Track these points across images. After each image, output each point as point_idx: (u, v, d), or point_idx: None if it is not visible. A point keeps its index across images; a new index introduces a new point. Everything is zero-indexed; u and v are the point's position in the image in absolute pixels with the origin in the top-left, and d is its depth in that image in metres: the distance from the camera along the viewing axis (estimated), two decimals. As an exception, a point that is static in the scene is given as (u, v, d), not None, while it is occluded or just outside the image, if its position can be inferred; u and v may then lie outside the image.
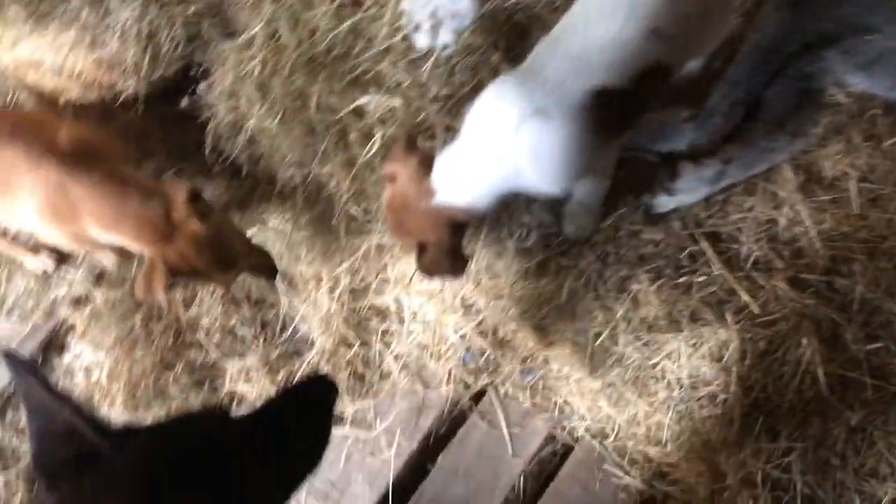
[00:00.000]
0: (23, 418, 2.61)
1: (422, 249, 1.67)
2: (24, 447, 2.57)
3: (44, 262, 2.59)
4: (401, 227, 1.69)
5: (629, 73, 1.47)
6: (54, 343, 2.66)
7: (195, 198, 1.85)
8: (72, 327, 2.61)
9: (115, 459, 1.01)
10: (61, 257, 2.63)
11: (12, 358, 1.03)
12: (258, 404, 1.34)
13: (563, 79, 1.47)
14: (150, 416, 2.51)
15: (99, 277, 2.65)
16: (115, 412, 2.49)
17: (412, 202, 1.63)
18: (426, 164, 1.63)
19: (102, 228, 1.83)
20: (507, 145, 1.52)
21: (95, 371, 2.57)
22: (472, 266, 2.14)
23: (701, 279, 1.84)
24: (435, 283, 2.27)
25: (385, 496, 2.43)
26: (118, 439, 1.03)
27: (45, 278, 2.64)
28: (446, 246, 1.64)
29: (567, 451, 2.45)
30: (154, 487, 0.99)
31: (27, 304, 2.62)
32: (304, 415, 1.32)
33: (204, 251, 1.82)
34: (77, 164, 1.80)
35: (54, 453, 1.01)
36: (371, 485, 2.45)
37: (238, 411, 1.27)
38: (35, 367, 1.04)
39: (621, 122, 1.61)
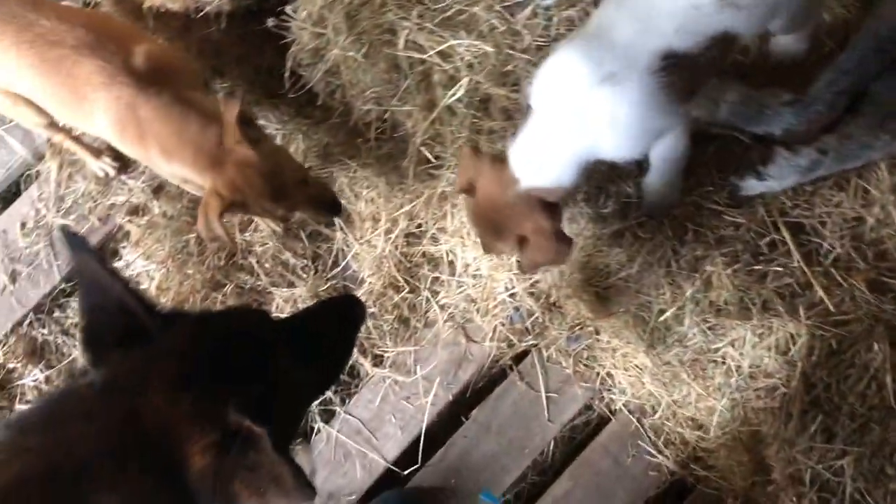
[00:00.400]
0: (69, 319, 2.65)
1: (522, 243, 1.62)
2: (69, 347, 2.61)
3: (106, 166, 2.59)
4: (495, 231, 1.65)
5: (697, 39, 1.44)
6: (107, 248, 2.68)
7: (246, 121, 1.82)
8: (126, 235, 2.62)
9: (164, 339, 1.06)
10: (123, 164, 2.63)
11: (70, 235, 1.05)
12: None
13: (632, 41, 1.45)
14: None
15: (158, 189, 2.65)
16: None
17: (498, 201, 1.59)
18: (498, 161, 1.61)
19: (164, 156, 1.82)
20: (580, 114, 1.50)
21: (145, 281, 2.59)
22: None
23: (778, 269, 1.79)
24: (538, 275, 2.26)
25: (416, 441, 2.45)
26: (167, 321, 1.08)
27: (105, 182, 2.65)
28: (545, 230, 1.59)
29: (601, 422, 2.46)
30: (200, 367, 1.04)
31: (85, 206, 2.64)
32: (336, 325, 1.40)
33: (255, 179, 1.79)
34: (148, 86, 1.80)
35: (104, 328, 1.05)
36: (403, 429, 2.47)
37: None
38: (89, 245, 1.06)
39: (689, 87, 1.57)
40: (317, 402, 2.51)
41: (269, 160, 1.84)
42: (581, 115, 1.49)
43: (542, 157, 1.56)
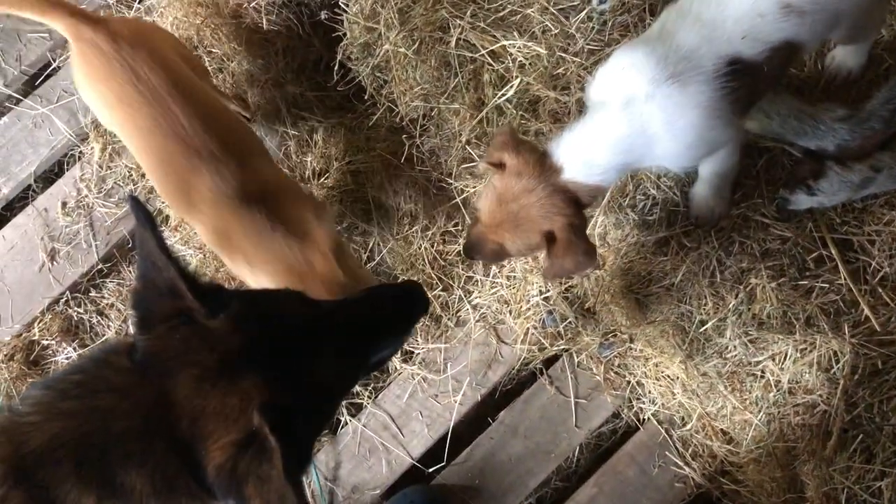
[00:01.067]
0: (105, 299, 2.67)
1: (550, 241, 1.54)
2: (103, 327, 2.64)
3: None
4: (515, 220, 1.54)
5: (762, 47, 1.44)
6: (149, 231, 2.70)
7: (339, 248, 1.86)
8: (166, 219, 2.64)
9: (206, 326, 1.04)
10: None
11: (137, 205, 1.05)
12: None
13: (697, 45, 1.44)
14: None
15: (199, 175, 2.66)
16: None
17: (532, 186, 1.51)
18: (537, 150, 1.56)
19: (250, 268, 1.83)
20: (639, 114, 1.47)
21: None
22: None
23: (823, 285, 1.78)
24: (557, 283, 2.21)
25: (443, 439, 2.45)
26: (215, 305, 1.06)
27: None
28: (578, 228, 1.53)
29: (629, 431, 2.45)
30: (236, 359, 1.02)
31: (126, 188, 2.66)
32: (391, 317, 1.34)
33: (338, 294, 1.76)
34: (251, 204, 1.80)
35: (154, 303, 1.05)
36: (430, 426, 2.47)
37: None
38: (154, 221, 1.05)
39: (750, 96, 1.56)
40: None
41: (352, 278, 1.84)
42: (640, 116, 1.47)
43: (590, 153, 1.52)
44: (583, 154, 1.53)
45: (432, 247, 2.54)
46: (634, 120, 1.48)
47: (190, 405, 0.98)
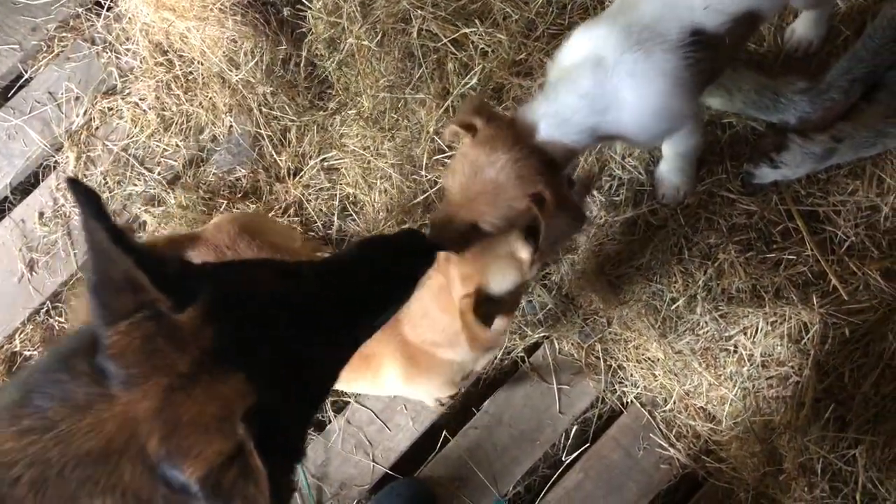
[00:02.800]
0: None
1: (539, 202, 1.42)
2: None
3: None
4: (495, 186, 1.41)
5: (723, 18, 1.44)
6: (124, 237, 2.70)
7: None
8: (143, 225, 2.64)
9: (180, 317, 0.92)
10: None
11: (77, 187, 0.90)
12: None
13: (660, 14, 1.44)
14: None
15: (174, 180, 2.67)
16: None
17: (508, 149, 1.41)
18: (506, 116, 1.51)
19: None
20: (608, 77, 1.47)
21: (161, 270, 2.60)
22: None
23: (791, 257, 1.79)
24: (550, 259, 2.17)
25: (428, 432, 2.45)
26: (182, 295, 0.94)
27: (123, 171, 2.68)
28: (562, 185, 1.47)
29: (613, 415, 2.45)
30: (216, 351, 0.91)
31: (102, 196, 2.65)
32: (389, 277, 1.18)
33: None
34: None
35: (113, 299, 0.91)
36: (415, 420, 2.47)
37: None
38: (101, 205, 0.90)
39: (712, 70, 1.56)
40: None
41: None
42: (609, 79, 1.46)
43: (564, 111, 1.47)
44: (556, 113, 1.47)
45: (410, 240, 2.54)
46: (604, 82, 1.46)
47: (160, 420, 0.87)
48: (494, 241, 1.44)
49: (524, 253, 1.46)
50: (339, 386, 1.99)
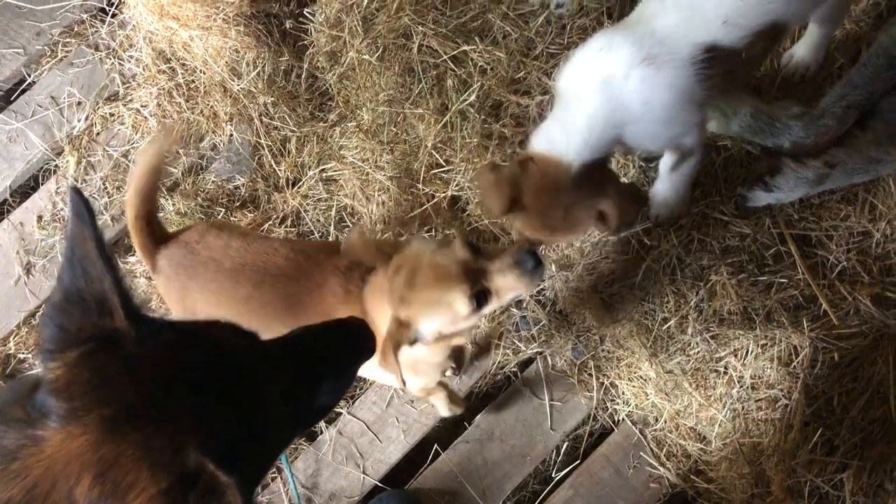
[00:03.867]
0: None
1: (602, 218, 1.57)
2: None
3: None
4: (570, 224, 1.60)
5: (744, 32, 1.44)
6: (121, 244, 2.72)
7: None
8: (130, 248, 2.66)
9: (138, 351, 0.88)
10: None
11: (79, 197, 0.88)
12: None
13: (674, 30, 1.45)
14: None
15: (173, 187, 2.69)
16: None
17: (557, 195, 1.54)
18: (529, 162, 1.56)
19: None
20: (617, 92, 1.48)
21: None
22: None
23: (782, 280, 1.80)
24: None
25: (419, 445, 2.45)
26: (145, 331, 0.90)
27: (122, 177, 2.69)
28: (618, 191, 1.55)
29: (604, 433, 2.45)
30: (162, 395, 0.86)
31: (101, 201, 2.68)
32: (337, 355, 1.20)
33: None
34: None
35: (73, 320, 0.87)
36: (406, 432, 2.47)
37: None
38: (94, 219, 0.87)
39: (724, 84, 1.56)
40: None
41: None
42: (618, 95, 1.48)
43: (585, 130, 1.51)
44: (580, 138, 1.51)
45: (406, 253, 2.55)
46: (613, 99, 1.48)
47: (97, 456, 0.79)
48: (441, 285, 1.45)
49: (462, 311, 1.47)
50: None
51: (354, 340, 1.24)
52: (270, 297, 1.77)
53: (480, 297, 1.47)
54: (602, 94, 1.49)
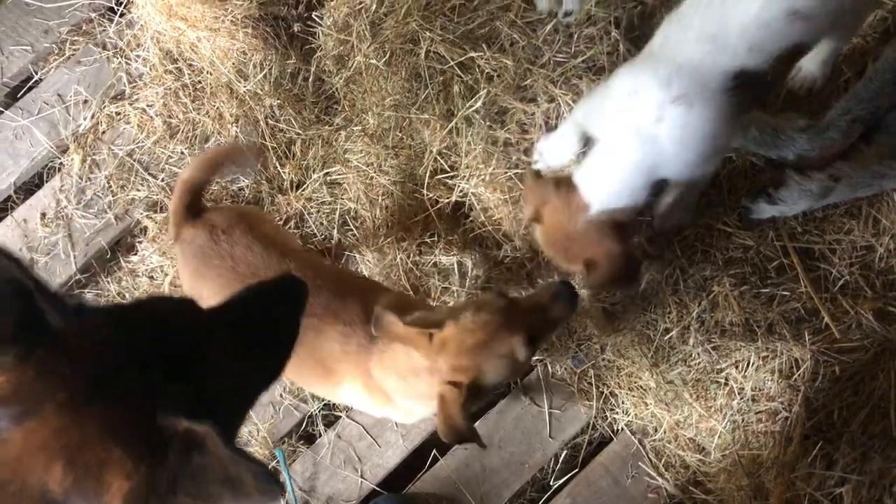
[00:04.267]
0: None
1: (589, 267, 1.62)
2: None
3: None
4: (565, 255, 1.66)
5: (768, 55, 1.45)
6: (124, 242, 2.72)
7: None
8: (144, 230, 2.66)
9: (66, 338, 0.86)
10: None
11: None
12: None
13: (700, 62, 1.45)
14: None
15: (177, 186, 2.69)
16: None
17: (567, 227, 1.60)
18: (563, 185, 1.61)
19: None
20: (651, 137, 1.50)
21: (159, 277, 2.62)
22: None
23: (785, 293, 1.80)
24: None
25: (417, 450, 2.45)
26: (71, 312, 0.89)
27: (127, 176, 2.70)
28: (613, 255, 1.58)
29: (603, 441, 2.45)
30: (113, 372, 0.85)
31: (105, 200, 2.68)
32: (276, 309, 1.21)
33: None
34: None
35: None
36: (405, 437, 2.47)
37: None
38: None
39: (752, 101, 1.58)
40: (320, 406, 2.52)
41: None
42: (652, 139, 1.49)
43: (612, 180, 1.56)
44: (603, 184, 1.57)
45: (408, 258, 2.55)
46: (647, 144, 1.50)
47: (61, 443, 0.78)
48: (495, 338, 1.47)
49: (522, 356, 1.48)
50: (300, 384, 1.99)
51: (290, 293, 1.25)
52: None
53: (531, 339, 1.49)
54: (636, 144, 1.51)
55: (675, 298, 1.85)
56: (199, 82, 2.65)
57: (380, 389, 1.69)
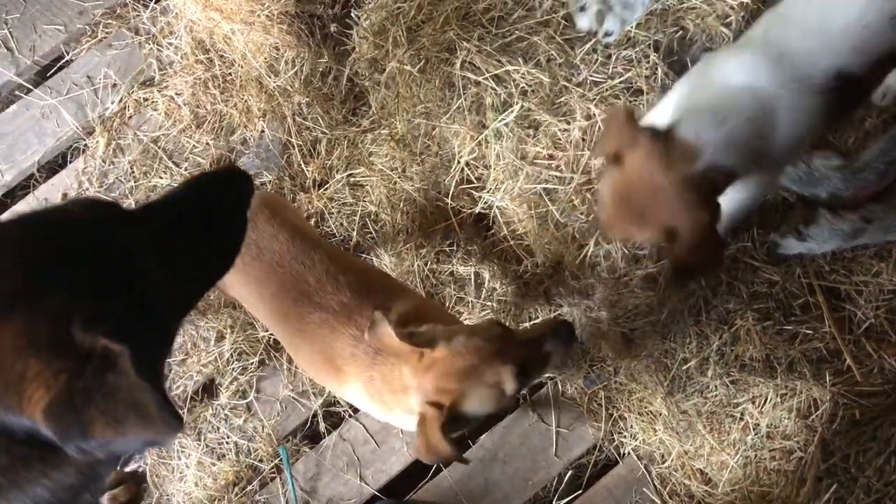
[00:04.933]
0: None
1: (670, 237, 1.40)
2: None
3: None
4: (644, 219, 1.42)
5: (865, 59, 1.42)
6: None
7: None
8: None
9: None
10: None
11: None
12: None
13: (807, 55, 1.42)
14: (217, 323, 2.55)
15: (200, 177, 2.68)
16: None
17: (658, 180, 1.36)
18: (658, 135, 1.40)
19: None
20: (768, 108, 1.44)
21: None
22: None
23: (808, 332, 1.79)
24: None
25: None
26: None
27: (150, 162, 2.70)
28: (707, 228, 1.38)
29: (608, 464, 2.43)
30: (26, 280, 0.84)
31: (126, 185, 2.68)
32: (217, 205, 1.14)
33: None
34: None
35: None
36: (410, 444, 2.46)
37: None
38: None
39: (838, 117, 1.56)
40: (323, 405, 2.51)
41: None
42: (769, 112, 1.42)
43: (733, 139, 1.40)
44: (726, 138, 1.40)
45: (425, 265, 2.54)
46: (766, 111, 1.43)
47: None
48: (485, 365, 1.41)
49: (510, 388, 1.43)
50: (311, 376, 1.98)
51: (233, 185, 1.19)
52: (289, 310, 1.74)
53: (522, 373, 1.44)
54: (755, 106, 1.42)
55: (697, 329, 1.84)
56: (230, 74, 2.64)
57: (381, 397, 1.68)
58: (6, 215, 2.56)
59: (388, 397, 1.61)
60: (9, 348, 0.79)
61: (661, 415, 2.15)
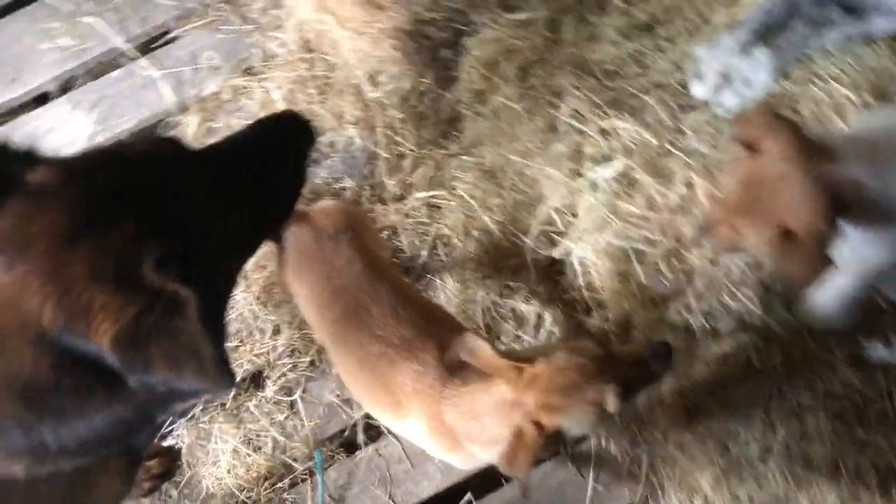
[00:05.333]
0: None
1: (784, 236, 1.32)
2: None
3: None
4: (761, 212, 1.35)
5: None
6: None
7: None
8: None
9: (42, 182, 0.86)
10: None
11: None
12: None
13: None
14: (277, 317, 2.57)
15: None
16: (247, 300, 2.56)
17: (789, 174, 1.30)
18: (802, 133, 1.35)
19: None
20: None
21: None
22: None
23: (881, 441, 1.74)
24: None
25: (451, 488, 2.42)
26: (44, 163, 0.89)
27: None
28: (822, 236, 1.31)
29: (640, 531, 2.39)
30: (96, 213, 0.85)
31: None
32: (278, 151, 1.15)
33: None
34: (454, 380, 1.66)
35: None
36: (444, 472, 2.44)
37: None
38: None
39: None
40: (365, 416, 2.51)
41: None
42: None
43: (878, 152, 1.34)
44: (866, 149, 1.35)
45: (487, 295, 2.53)
46: None
47: (52, 284, 0.80)
48: (588, 383, 1.39)
49: (612, 406, 1.40)
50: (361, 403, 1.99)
51: (295, 132, 1.20)
52: (350, 337, 1.74)
53: (625, 390, 1.43)
54: None
55: (765, 416, 1.81)
56: (329, 78, 2.67)
57: (447, 434, 1.67)
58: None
59: (466, 426, 1.58)
60: (78, 276, 0.81)
61: (703, 492, 2.11)
